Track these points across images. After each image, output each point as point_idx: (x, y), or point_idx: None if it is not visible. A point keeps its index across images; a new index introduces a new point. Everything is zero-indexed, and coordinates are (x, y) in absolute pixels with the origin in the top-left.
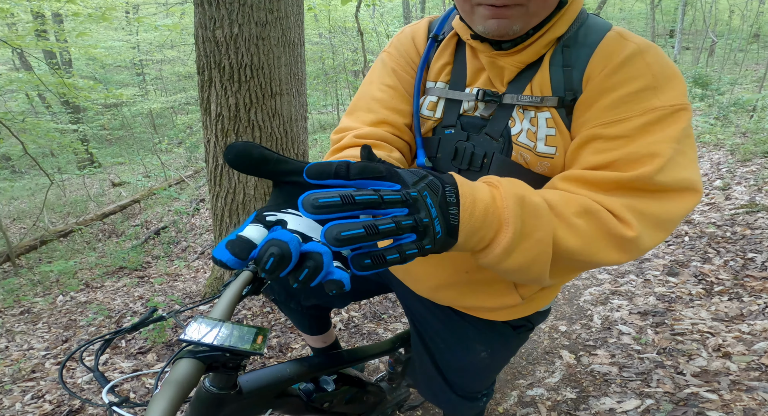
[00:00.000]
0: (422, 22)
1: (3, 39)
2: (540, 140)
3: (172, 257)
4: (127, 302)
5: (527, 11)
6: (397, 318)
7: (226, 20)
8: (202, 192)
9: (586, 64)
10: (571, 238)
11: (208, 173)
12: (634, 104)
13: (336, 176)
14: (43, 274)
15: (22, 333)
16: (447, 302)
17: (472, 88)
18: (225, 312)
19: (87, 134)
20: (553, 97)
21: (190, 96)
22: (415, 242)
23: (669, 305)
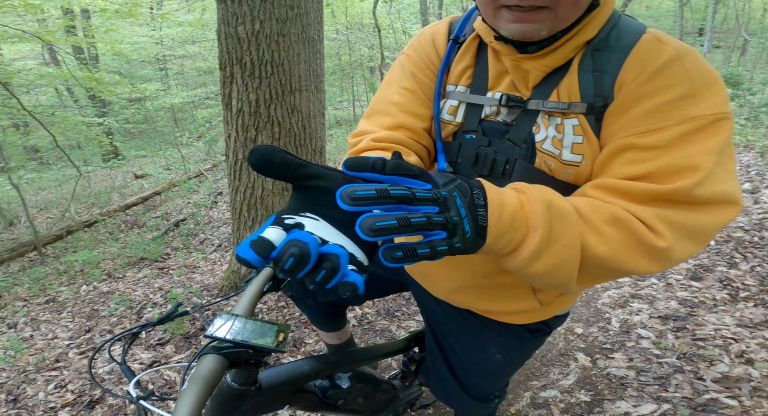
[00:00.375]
0: (442, 23)
1: (35, 34)
2: (566, 148)
3: (190, 249)
4: (147, 294)
5: (556, 15)
6: (410, 315)
7: (248, 17)
8: (220, 185)
9: (619, 69)
10: (600, 245)
11: (228, 167)
12: (671, 112)
13: (372, 169)
14: (68, 264)
15: (47, 322)
16: (464, 305)
17: (494, 93)
18: (247, 308)
19: (112, 127)
20: (582, 104)
21: (209, 91)
22: (445, 239)
23: (691, 309)
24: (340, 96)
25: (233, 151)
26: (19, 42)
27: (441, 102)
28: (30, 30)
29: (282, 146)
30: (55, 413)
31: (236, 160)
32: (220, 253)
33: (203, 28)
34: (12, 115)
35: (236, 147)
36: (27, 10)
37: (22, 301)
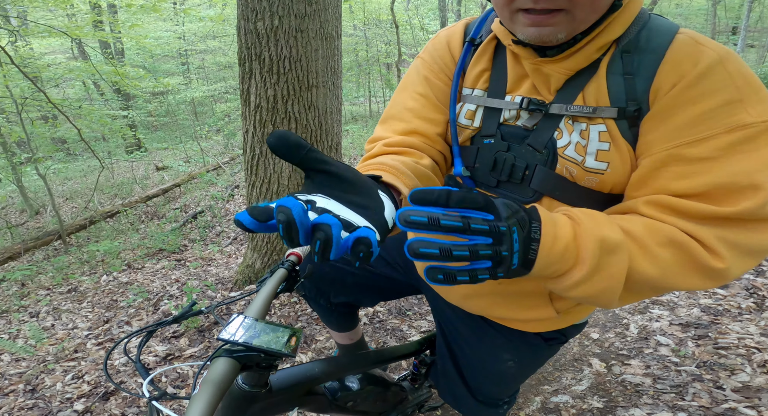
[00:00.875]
0: (458, 26)
1: (63, 30)
2: (590, 155)
3: (207, 241)
4: (164, 285)
5: (573, 17)
6: (422, 315)
7: (267, 12)
8: (237, 178)
9: (654, 73)
10: (651, 267)
11: (245, 162)
12: (717, 119)
13: (436, 204)
14: (91, 253)
15: (68, 312)
16: (477, 311)
17: (513, 96)
18: (260, 310)
19: (135, 120)
20: (612, 108)
21: (229, 85)
22: (489, 269)
23: (715, 317)
24: (356, 92)
25: (250, 146)
26: (49, 37)
27: (458, 106)
28: (59, 25)
29: None
30: (71, 404)
31: (253, 155)
32: (236, 246)
33: (223, 23)
34: (41, 107)
35: (253, 142)
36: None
37: (45, 290)
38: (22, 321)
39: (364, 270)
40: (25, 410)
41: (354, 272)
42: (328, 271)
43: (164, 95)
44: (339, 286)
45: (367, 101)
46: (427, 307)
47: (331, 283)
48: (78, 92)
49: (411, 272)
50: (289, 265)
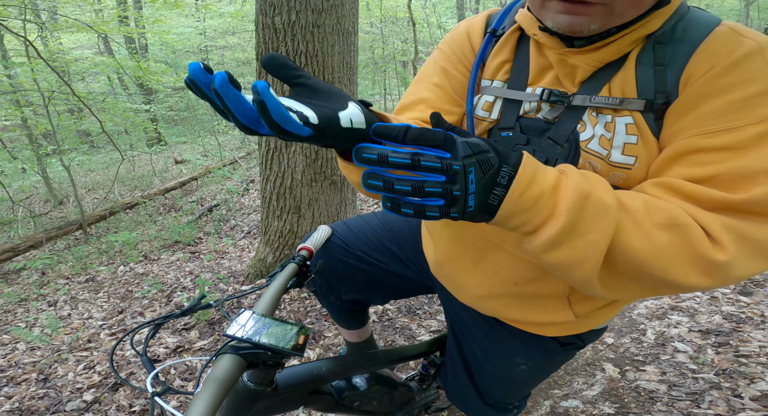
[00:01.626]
0: (480, 17)
1: (90, 25)
2: (616, 148)
3: (221, 234)
4: (178, 277)
5: (611, 10)
6: (432, 314)
7: (285, 7)
8: (253, 173)
9: (686, 63)
10: (642, 245)
11: (261, 156)
12: (747, 110)
13: (394, 139)
14: (109, 244)
15: (84, 301)
16: (491, 313)
17: (534, 88)
18: (269, 306)
19: (157, 114)
20: (639, 100)
21: (247, 81)
22: (441, 207)
23: (737, 325)
24: (371, 89)
25: (265, 140)
26: (77, 32)
27: (475, 98)
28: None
29: None
30: (80, 394)
31: (269, 149)
32: (249, 240)
33: (243, 19)
34: (68, 100)
35: (269, 137)
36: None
37: (65, 279)
38: (40, 309)
39: (376, 268)
40: (36, 399)
41: (366, 269)
42: (339, 267)
43: (184, 90)
44: (350, 283)
45: (383, 99)
46: (438, 306)
47: (342, 279)
48: (103, 86)
49: (424, 271)
50: (300, 260)
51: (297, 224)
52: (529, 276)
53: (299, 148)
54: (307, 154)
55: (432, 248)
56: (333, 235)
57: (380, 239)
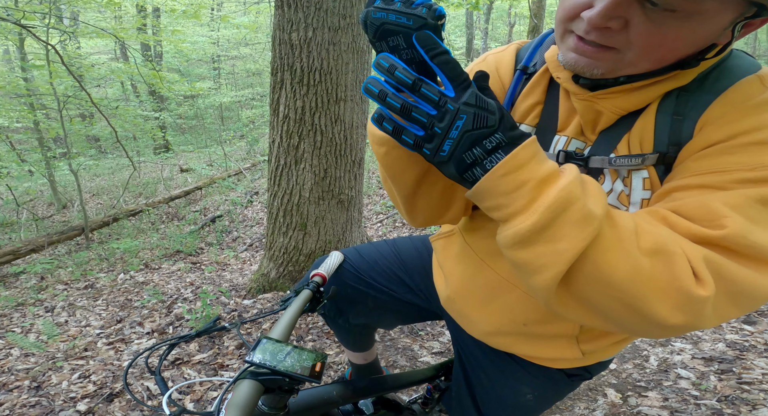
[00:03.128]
0: (509, 50)
1: (110, 31)
2: (633, 205)
3: (223, 245)
4: (179, 287)
5: (621, 58)
6: (434, 336)
7: (302, 23)
8: (257, 185)
9: (704, 111)
10: (620, 265)
11: (269, 172)
12: (748, 156)
13: (426, 49)
14: (111, 250)
15: (83, 308)
16: (501, 348)
17: (559, 139)
18: (285, 332)
19: (166, 122)
20: (653, 155)
21: (256, 92)
22: (418, 137)
23: (740, 353)
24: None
25: (276, 156)
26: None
27: None
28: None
29: (322, 155)
30: (74, 403)
31: (278, 165)
32: (251, 252)
33: (256, 31)
34: (81, 106)
35: (279, 153)
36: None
37: (63, 285)
38: (37, 315)
39: (386, 294)
40: (27, 407)
41: (376, 296)
42: (350, 293)
43: (194, 99)
44: (360, 308)
45: None
46: (440, 328)
47: (352, 304)
48: (116, 92)
49: (433, 301)
50: (314, 286)
51: (302, 241)
52: (538, 318)
53: (308, 165)
54: (315, 172)
55: (443, 283)
56: (344, 261)
57: (391, 268)
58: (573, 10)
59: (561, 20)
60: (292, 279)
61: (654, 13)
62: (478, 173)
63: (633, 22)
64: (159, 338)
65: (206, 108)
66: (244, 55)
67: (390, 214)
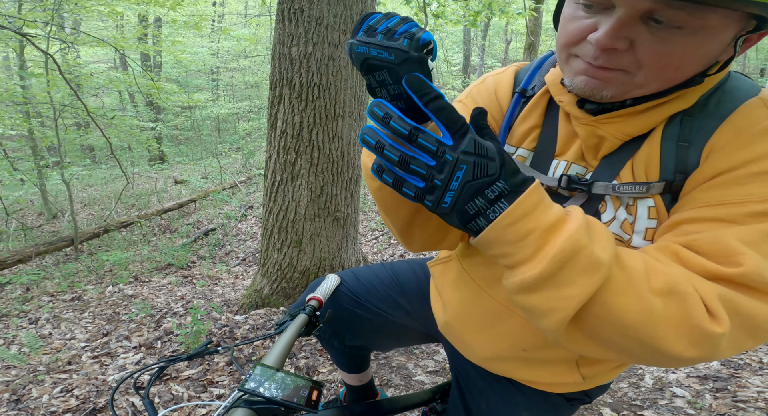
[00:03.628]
0: (508, 72)
1: (111, 42)
2: (637, 233)
3: (215, 259)
4: (168, 301)
5: (631, 80)
6: (429, 354)
7: (303, 38)
8: (252, 199)
9: (710, 137)
10: (633, 310)
11: (265, 188)
12: (757, 186)
13: (419, 95)
14: (100, 262)
15: (68, 321)
16: (500, 373)
17: (558, 163)
18: (280, 358)
19: (162, 132)
20: (659, 183)
21: (253, 104)
22: (419, 189)
23: (735, 371)
24: None
25: (272, 172)
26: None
27: None
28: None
29: (319, 172)
30: None
31: (274, 181)
32: (244, 267)
33: (256, 44)
34: (77, 115)
35: (275, 169)
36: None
37: (49, 296)
38: (20, 326)
39: (383, 318)
40: None
41: (372, 319)
42: (346, 316)
43: (191, 110)
44: (356, 330)
45: None
46: (435, 346)
47: (348, 327)
48: (113, 101)
49: (430, 324)
50: (310, 310)
51: (297, 258)
52: (538, 343)
53: (305, 182)
54: (312, 189)
55: (441, 308)
56: (341, 284)
57: (388, 291)
58: (577, 34)
59: (565, 45)
60: (285, 296)
61: (660, 31)
62: (482, 223)
63: (639, 42)
64: (146, 352)
65: (203, 119)
66: (243, 68)
67: (385, 231)
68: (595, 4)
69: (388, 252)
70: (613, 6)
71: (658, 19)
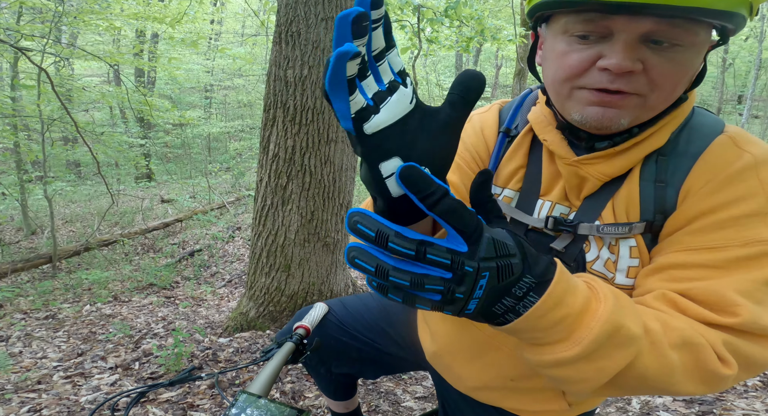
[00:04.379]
0: (491, 110)
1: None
2: (620, 272)
3: (200, 280)
4: (149, 322)
5: (644, 102)
6: (417, 380)
7: (299, 61)
8: (240, 220)
9: (685, 178)
10: (654, 366)
11: (255, 211)
12: (736, 230)
13: (421, 197)
14: (78, 280)
15: (40, 340)
16: (487, 402)
17: (543, 203)
18: (266, 386)
19: (151, 150)
20: (641, 223)
21: (246, 124)
22: (434, 302)
23: (720, 395)
24: None
25: (262, 196)
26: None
27: None
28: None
29: (310, 197)
30: None
31: (264, 205)
32: (229, 288)
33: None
34: (65, 129)
35: (266, 192)
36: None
37: (22, 314)
38: None
39: (370, 346)
40: None
41: (360, 348)
42: (333, 344)
43: (182, 127)
44: (343, 358)
45: None
46: (424, 372)
47: (335, 355)
48: (104, 116)
49: (418, 353)
50: (297, 338)
51: (285, 282)
52: (526, 373)
53: (295, 207)
54: (302, 213)
55: (429, 338)
56: (329, 313)
57: (375, 320)
58: (581, 65)
59: (566, 79)
60: (272, 319)
61: (664, 51)
62: (511, 318)
63: (649, 64)
64: (123, 374)
65: (194, 137)
66: (237, 86)
67: None
68: (592, 34)
69: None
70: (612, 33)
71: (658, 39)
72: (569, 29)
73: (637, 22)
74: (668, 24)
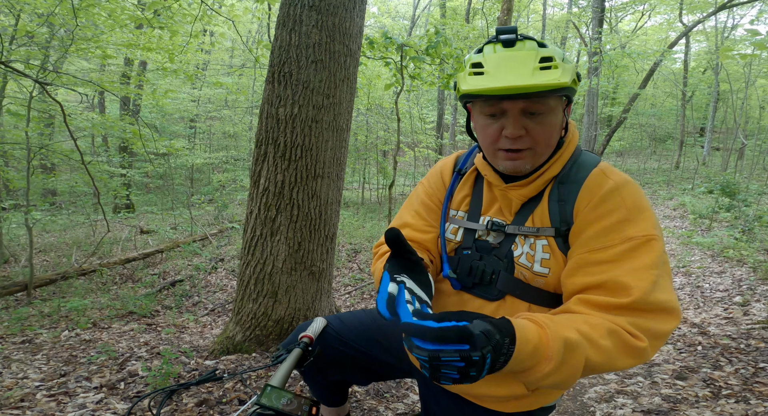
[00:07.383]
0: (451, 159)
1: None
2: (536, 262)
3: (182, 309)
4: (131, 346)
5: (535, 153)
6: (399, 398)
7: (290, 100)
8: (223, 252)
9: (576, 198)
10: (598, 357)
11: (244, 241)
12: (614, 233)
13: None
14: (55, 308)
15: (19, 362)
16: (457, 390)
17: (485, 217)
18: (283, 380)
19: (132, 179)
20: (551, 228)
21: (230, 155)
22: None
23: (674, 405)
24: (350, 177)
25: (252, 227)
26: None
27: (446, 224)
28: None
29: (297, 228)
30: None
31: (253, 236)
32: (212, 317)
33: (238, 92)
34: (44, 157)
35: (255, 224)
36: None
37: None
38: None
39: (363, 355)
40: None
41: (354, 356)
42: (331, 353)
43: (166, 157)
44: (338, 366)
45: (360, 188)
46: (405, 390)
47: (332, 364)
48: (86, 144)
49: (405, 360)
50: (303, 346)
51: (272, 308)
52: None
53: (283, 237)
54: (290, 244)
55: None
56: (327, 326)
57: (369, 332)
58: (494, 135)
59: (490, 144)
60: (258, 343)
61: (536, 118)
62: (503, 366)
63: (530, 128)
64: (108, 392)
65: (177, 168)
66: (223, 117)
67: (358, 286)
68: (497, 113)
69: (360, 306)
70: (505, 111)
71: (532, 111)
72: (483, 110)
73: (515, 103)
74: (532, 101)
